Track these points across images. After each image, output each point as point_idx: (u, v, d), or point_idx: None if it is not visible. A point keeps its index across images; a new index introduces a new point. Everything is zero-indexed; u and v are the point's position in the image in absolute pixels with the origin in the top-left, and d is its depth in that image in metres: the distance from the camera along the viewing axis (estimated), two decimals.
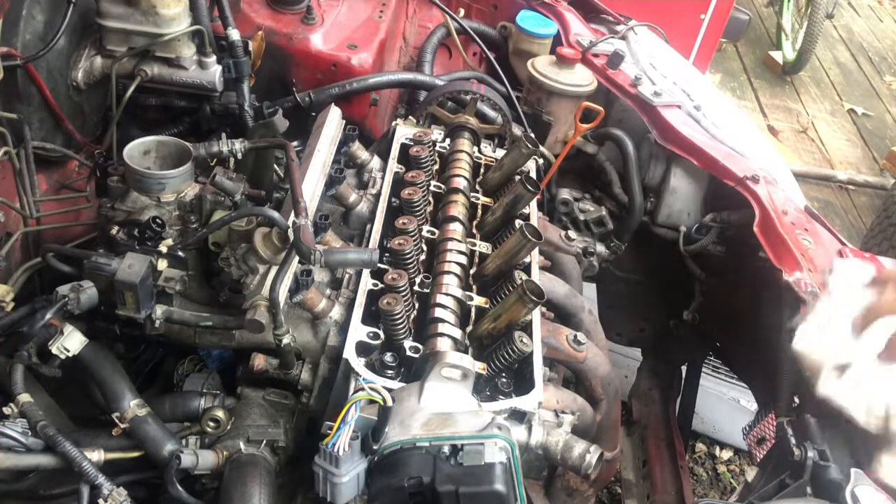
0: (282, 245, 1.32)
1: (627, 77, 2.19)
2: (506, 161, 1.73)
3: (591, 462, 1.24)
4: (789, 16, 6.58)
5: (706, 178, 2.18)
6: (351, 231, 1.65)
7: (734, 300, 2.11)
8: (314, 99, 2.02)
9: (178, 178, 1.47)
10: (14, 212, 1.63)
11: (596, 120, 2.01)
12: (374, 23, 2.22)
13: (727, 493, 3.14)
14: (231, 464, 1.28)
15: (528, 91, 2.24)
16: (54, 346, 1.28)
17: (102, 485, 1.15)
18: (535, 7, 2.50)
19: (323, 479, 1.10)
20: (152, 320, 1.39)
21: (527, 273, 1.53)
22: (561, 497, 1.57)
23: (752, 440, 1.91)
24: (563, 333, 1.52)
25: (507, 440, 1.08)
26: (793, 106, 6.25)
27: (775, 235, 1.78)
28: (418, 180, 1.62)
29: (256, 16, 2.08)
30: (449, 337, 1.34)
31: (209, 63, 1.85)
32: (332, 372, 1.34)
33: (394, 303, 1.30)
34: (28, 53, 1.59)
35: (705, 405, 3.16)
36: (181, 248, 1.40)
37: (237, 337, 1.41)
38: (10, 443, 1.17)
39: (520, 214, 1.64)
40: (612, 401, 1.60)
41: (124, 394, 1.30)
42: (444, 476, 1.03)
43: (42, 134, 1.72)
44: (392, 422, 1.10)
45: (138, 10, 1.74)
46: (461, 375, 1.16)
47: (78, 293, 1.32)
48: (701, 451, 3.27)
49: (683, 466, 2.35)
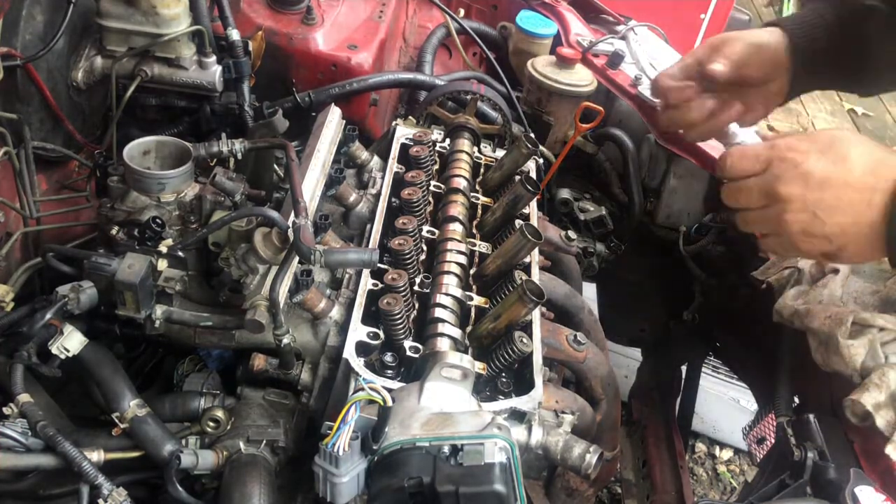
0: (282, 245, 1.32)
1: (627, 77, 2.19)
2: (506, 161, 1.73)
3: (591, 462, 1.24)
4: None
5: (706, 178, 2.18)
6: (351, 231, 1.65)
7: (734, 300, 2.11)
8: (314, 99, 2.02)
9: (178, 178, 1.47)
10: (14, 212, 1.63)
11: (596, 120, 2.01)
12: (374, 23, 2.22)
13: (727, 493, 3.14)
14: (231, 464, 1.27)
15: (528, 91, 2.24)
16: (54, 346, 1.27)
17: (102, 485, 1.15)
18: (535, 7, 2.50)
19: (323, 479, 1.10)
20: (152, 320, 1.38)
21: (527, 273, 1.53)
22: (561, 497, 1.57)
23: (752, 440, 1.91)
24: (563, 333, 1.52)
25: (507, 440, 1.08)
26: (793, 106, 6.24)
27: None
28: (418, 180, 1.62)
29: (256, 16, 2.08)
30: (449, 337, 1.34)
31: (209, 63, 1.85)
32: (332, 372, 1.34)
33: (394, 303, 1.30)
34: (28, 53, 1.59)
35: (705, 405, 3.17)
36: (181, 248, 1.40)
37: (237, 337, 1.41)
38: (9, 443, 1.17)
39: (520, 214, 1.64)
40: (612, 401, 1.60)
41: (124, 394, 1.29)
42: (444, 476, 1.03)
43: (42, 134, 1.72)
44: (392, 422, 1.10)
45: (138, 11, 1.74)
46: (461, 375, 1.16)
47: (78, 293, 1.32)
48: (701, 451, 3.27)
49: (683, 466, 2.35)
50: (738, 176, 1.32)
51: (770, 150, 1.29)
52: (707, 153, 2.00)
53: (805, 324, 1.53)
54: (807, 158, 1.24)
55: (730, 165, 1.32)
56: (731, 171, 1.32)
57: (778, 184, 1.25)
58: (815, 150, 1.25)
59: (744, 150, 1.33)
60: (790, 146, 1.27)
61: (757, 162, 1.29)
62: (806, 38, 1.53)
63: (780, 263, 1.69)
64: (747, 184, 1.30)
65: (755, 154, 1.30)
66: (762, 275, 1.71)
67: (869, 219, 1.22)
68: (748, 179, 1.30)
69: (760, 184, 1.28)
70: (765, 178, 1.28)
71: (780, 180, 1.25)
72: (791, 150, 1.26)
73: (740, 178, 1.32)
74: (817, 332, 1.50)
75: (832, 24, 1.52)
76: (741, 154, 1.32)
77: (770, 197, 1.27)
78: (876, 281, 1.59)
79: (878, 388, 1.37)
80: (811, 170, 1.24)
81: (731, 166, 1.32)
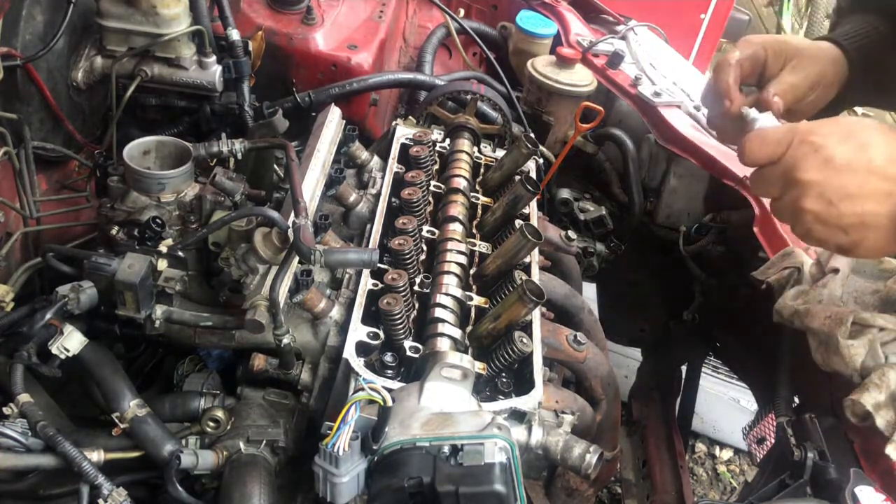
0: (282, 245, 1.32)
1: (627, 77, 2.19)
2: (506, 161, 1.73)
3: (591, 462, 1.24)
4: (789, 16, 6.58)
5: (706, 178, 2.18)
6: (351, 231, 1.65)
7: (734, 300, 2.11)
8: (314, 99, 2.02)
9: (178, 178, 1.47)
10: (14, 212, 1.63)
11: (596, 120, 2.01)
12: (374, 23, 2.22)
13: (727, 493, 3.14)
14: (231, 464, 1.27)
15: (528, 91, 2.24)
16: (54, 346, 1.27)
17: (102, 485, 1.15)
18: (535, 7, 2.50)
19: (323, 479, 1.10)
20: (152, 320, 1.38)
21: (527, 273, 1.53)
22: (561, 497, 1.57)
23: (752, 440, 1.91)
24: (563, 333, 1.52)
25: (507, 440, 1.08)
26: None
27: (775, 235, 1.78)
28: (418, 180, 1.62)
29: (256, 16, 2.09)
30: (449, 337, 1.34)
31: (209, 63, 1.85)
32: (332, 372, 1.34)
33: (394, 303, 1.30)
34: (28, 53, 1.59)
35: (705, 405, 3.17)
36: (181, 248, 1.40)
37: (237, 337, 1.41)
38: (10, 443, 1.17)
39: (520, 214, 1.64)
40: (612, 401, 1.60)
41: (124, 394, 1.29)
42: (444, 476, 1.03)
43: (42, 134, 1.72)
44: (392, 422, 1.10)
45: (138, 10, 1.74)
46: (461, 375, 1.16)
47: (78, 293, 1.32)
48: (701, 451, 3.27)
49: (683, 466, 2.35)
50: (761, 162, 1.25)
51: (790, 134, 1.23)
52: (707, 153, 2.00)
53: (805, 324, 1.53)
54: (827, 142, 1.18)
55: (750, 151, 1.26)
56: (753, 157, 1.25)
57: (796, 168, 1.20)
58: (837, 134, 1.19)
59: (764, 134, 1.26)
60: (811, 129, 1.21)
61: (778, 146, 1.23)
62: (862, 58, 1.47)
63: (779, 263, 1.69)
64: (770, 171, 1.25)
65: (776, 139, 1.24)
66: (762, 275, 1.71)
67: (889, 209, 1.17)
68: (769, 167, 1.24)
69: (780, 169, 1.23)
70: (784, 163, 1.22)
71: (799, 164, 1.20)
72: (812, 133, 1.21)
73: (763, 165, 1.26)
74: (817, 332, 1.50)
75: (888, 37, 1.47)
76: (762, 140, 1.25)
77: (788, 182, 1.22)
78: (876, 281, 1.59)
79: (878, 388, 1.37)
80: (832, 154, 1.18)
81: (752, 152, 1.25)
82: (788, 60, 1.46)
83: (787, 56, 1.46)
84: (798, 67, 1.45)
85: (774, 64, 1.46)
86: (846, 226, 1.20)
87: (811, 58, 1.47)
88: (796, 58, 1.46)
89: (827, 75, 1.47)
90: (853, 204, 1.18)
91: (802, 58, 1.46)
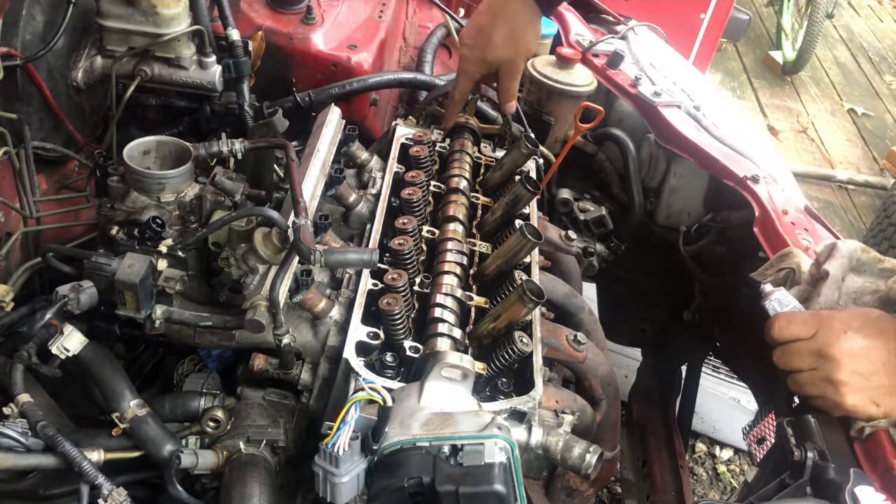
0: (282, 245, 1.32)
1: (627, 77, 2.19)
2: (506, 161, 1.73)
3: (591, 462, 1.24)
4: (789, 16, 6.58)
5: (706, 178, 2.18)
6: (351, 231, 1.65)
7: (734, 300, 2.11)
8: (314, 99, 2.02)
9: (178, 178, 1.47)
10: (14, 212, 1.63)
11: (596, 120, 2.01)
12: (374, 23, 2.22)
13: (727, 493, 3.14)
14: (231, 464, 1.28)
15: (528, 91, 2.24)
16: (54, 346, 1.27)
17: (102, 485, 1.15)
18: None
19: (323, 479, 1.10)
20: (152, 320, 1.38)
21: (527, 273, 1.53)
22: (561, 497, 1.57)
23: (752, 440, 1.91)
24: (563, 333, 1.52)
25: (507, 440, 1.08)
26: (793, 106, 6.25)
27: (775, 235, 1.78)
28: (418, 180, 1.62)
29: (256, 16, 2.08)
30: (449, 337, 1.34)
31: (209, 63, 1.85)
32: (332, 372, 1.34)
33: (394, 303, 1.30)
34: (28, 53, 1.59)
35: (705, 405, 3.16)
36: (181, 248, 1.40)
37: (237, 337, 1.41)
38: (10, 443, 1.17)
39: (520, 214, 1.64)
40: (612, 401, 1.60)
41: (124, 394, 1.30)
42: (444, 476, 1.03)
43: (42, 134, 1.72)
44: (392, 422, 1.10)
45: (138, 10, 1.74)
46: (461, 375, 1.16)
47: (78, 293, 1.32)
48: (701, 451, 3.27)
49: (683, 466, 2.35)
50: (788, 339, 1.39)
51: (816, 317, 1.39)
52: (707, 153, 2.01)
53: None
54: (851, 325, 1.34)
55: (778, 329, 1.40)
56: (781, 334, 1.40)
57: (829, 346, 1.34)
58: (857, 318, 1.36)
59: (791, 316, 1.43)
60: (833, 315, 1.38)
61: (805, 326, 1.37)
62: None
63: (777, 264, 1.69)
64: (798, 346, 1.38)
65: (803, 320, 1.39)
66: (760, 275, 1.71)
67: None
68: (798, 343, 1.38)
69: (811, 346, 1.36)
70: (815, 341, 1.36)
71: (831, 342, 1.34)
72: (834, 318, 1.36)
73: (790, 342, 1.39)
74: None
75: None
76: (789, 319, 1.40)
77: (821, 358, 1.35)
78: (876, 281, 1.59)
79: None
80: (857, 335, 1.34)
81: (780, 329, 1.40)
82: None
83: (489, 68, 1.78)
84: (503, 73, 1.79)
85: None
86: (875, 399, 1.34)
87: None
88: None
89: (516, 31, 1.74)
90: (881, 377, 1.33)
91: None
